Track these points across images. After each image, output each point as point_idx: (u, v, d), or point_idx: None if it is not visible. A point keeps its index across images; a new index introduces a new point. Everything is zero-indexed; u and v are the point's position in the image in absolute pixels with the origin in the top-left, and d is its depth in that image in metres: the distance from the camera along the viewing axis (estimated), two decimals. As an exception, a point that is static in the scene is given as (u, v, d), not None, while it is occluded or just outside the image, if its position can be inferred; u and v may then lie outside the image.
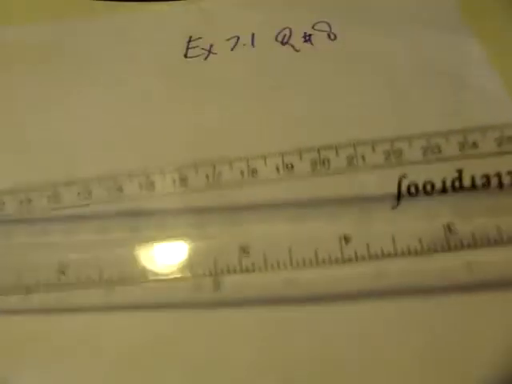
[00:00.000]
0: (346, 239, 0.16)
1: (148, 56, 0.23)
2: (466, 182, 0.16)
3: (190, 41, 0.23)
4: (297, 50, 0.22)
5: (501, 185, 0.16)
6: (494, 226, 0.15)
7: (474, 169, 0.16)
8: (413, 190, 0.16)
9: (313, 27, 0.23)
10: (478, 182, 0.16)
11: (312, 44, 0.22)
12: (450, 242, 0.15)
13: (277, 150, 0.17)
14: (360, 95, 0.20)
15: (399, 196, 0.16)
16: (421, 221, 0.16)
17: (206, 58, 0.22)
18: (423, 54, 0.21)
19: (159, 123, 0.20)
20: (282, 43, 0.22)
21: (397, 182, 0.16)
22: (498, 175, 0.16)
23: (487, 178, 0.16)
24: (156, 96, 0.21)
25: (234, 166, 0.17)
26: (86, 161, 0.19)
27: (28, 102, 0.22)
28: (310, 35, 0.22)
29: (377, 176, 0.16)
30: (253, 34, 0.23)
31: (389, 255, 0.15)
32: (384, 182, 0.16)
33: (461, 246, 0.15)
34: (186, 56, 0.22)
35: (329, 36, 0.22)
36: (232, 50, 0.22)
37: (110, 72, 0.22)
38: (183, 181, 0.17)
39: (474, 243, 0.15)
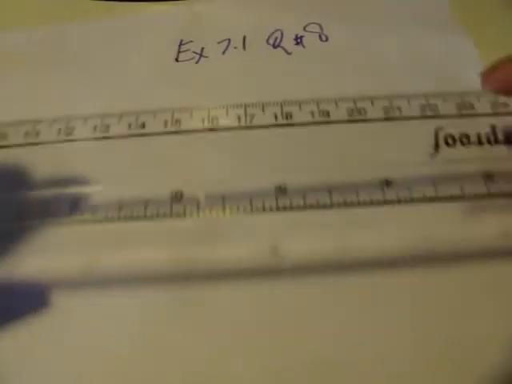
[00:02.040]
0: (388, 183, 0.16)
1: (139, 59, 0.22)
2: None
3: (181, 44, 0.23)
4: (288, 53, 0.22)
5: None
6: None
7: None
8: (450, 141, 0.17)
9: (304, 29, 0.23)
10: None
11: (304, 46, 0.22)
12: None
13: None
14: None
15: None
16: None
17: (197, 62, 0.22)
18: (415, 52, 0.21)
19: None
20: (274, 46, 0.22)
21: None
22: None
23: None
24: (147, 99, 0.21)
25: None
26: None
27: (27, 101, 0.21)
28: (301, 37, 0.22)
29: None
30: (244, 37, 0.23)
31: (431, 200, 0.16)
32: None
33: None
34: (177, 60, 0.22)
35: (320, 37, 0.22)
36: (223, 53, 0.22)
37: (103, 74, 0.22)
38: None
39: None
